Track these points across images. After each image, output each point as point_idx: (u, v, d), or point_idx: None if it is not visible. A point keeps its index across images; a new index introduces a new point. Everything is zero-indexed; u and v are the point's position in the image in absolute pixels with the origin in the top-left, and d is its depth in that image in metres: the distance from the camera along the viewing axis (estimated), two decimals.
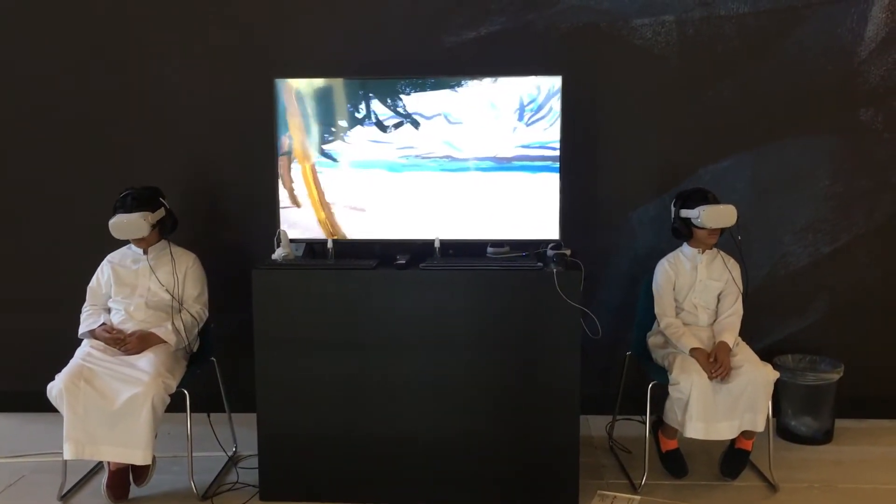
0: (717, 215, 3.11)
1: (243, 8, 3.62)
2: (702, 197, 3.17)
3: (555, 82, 3.12)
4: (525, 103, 3.14)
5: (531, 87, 3.14)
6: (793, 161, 3.65)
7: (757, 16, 3.55)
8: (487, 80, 3.15)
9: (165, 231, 3.19)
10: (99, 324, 3.15)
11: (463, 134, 3.17)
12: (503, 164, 3.17)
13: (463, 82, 3.15)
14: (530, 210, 3.18)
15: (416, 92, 3.16)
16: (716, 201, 3.15)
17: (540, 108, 3.15)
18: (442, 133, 3.17)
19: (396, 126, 3.17)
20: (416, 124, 3.17)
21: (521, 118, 3.15)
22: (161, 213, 3.14)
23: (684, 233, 3.24)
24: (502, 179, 3.17)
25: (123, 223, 3.05)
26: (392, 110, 3.17)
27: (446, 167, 3.18)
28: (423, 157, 3.18)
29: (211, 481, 3.23)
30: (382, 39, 3.58)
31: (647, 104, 3.63)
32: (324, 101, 3.20)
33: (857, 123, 3.62)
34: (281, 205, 3.23)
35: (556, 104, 3.13)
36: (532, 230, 3.20)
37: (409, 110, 3.17)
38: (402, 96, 3.16)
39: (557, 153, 3.15)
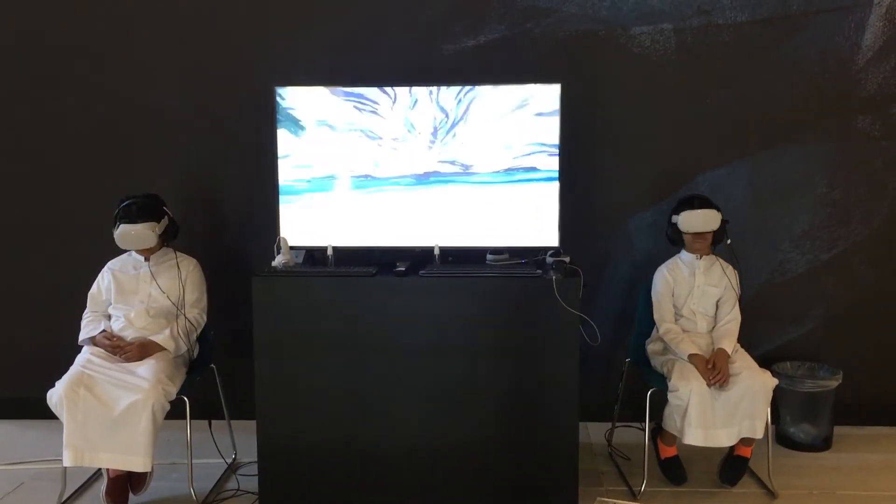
0: (694, 219, 3.14)
1: (244, 15, 3.63)
2: (688, 202, 3.20)
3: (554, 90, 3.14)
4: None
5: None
6: (790, 168, 3.66)
7: (755, 24, 3.57)
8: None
9: (168, 238, 3.20)
10: (99, 330, 3.15)
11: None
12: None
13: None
14: (530, 217, 3.19)
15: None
16: (702, 206, 3.16)
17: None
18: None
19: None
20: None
21: None
22: (165, 221, 3.15)
23: (675, 239, 3.26)
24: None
25: (131, 234, 3.05)
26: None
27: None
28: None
29: (210, 488, 3.22)
30: (382, 47, 3.59)
31: (645, 112, 3.64)
32: None
33: (855, 131, 3.63)
34: None
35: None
36: (531, 237, 3.21)
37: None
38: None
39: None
